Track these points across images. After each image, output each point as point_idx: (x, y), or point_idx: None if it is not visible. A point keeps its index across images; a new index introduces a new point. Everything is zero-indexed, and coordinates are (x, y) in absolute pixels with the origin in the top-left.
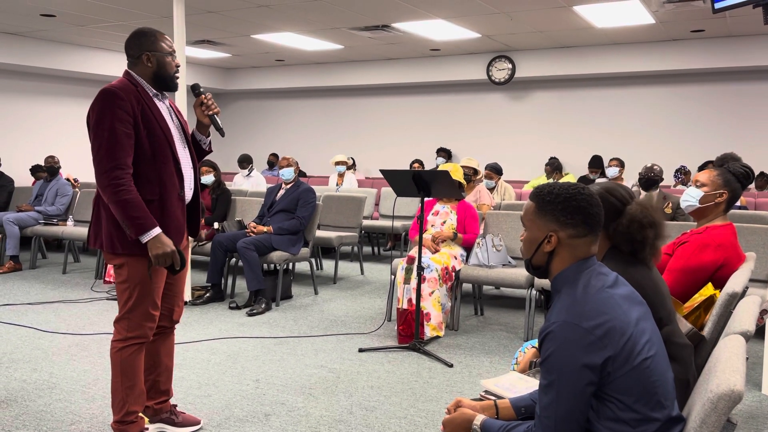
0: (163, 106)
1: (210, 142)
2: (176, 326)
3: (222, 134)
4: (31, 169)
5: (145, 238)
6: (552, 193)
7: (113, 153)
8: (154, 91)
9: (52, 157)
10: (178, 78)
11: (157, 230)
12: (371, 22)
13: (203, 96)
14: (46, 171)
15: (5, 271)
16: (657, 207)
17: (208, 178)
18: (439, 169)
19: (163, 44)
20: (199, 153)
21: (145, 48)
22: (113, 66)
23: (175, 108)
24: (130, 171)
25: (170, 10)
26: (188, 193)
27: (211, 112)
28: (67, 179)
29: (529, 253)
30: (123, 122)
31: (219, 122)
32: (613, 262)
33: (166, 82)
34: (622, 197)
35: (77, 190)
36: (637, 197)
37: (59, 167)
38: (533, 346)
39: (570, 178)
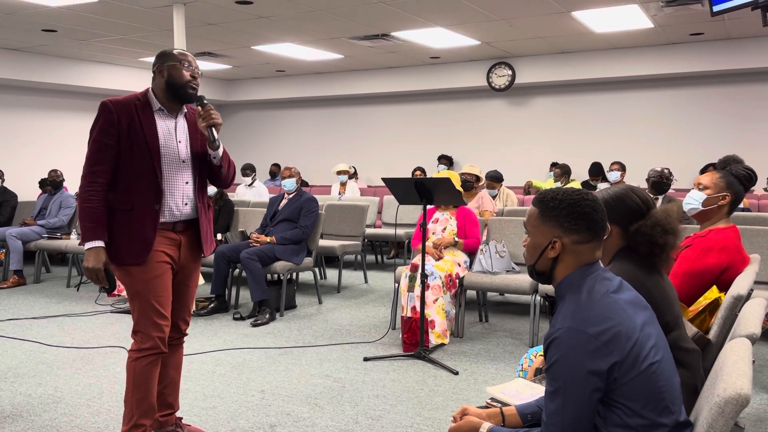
0: (164, 123)
1: (220, 158)
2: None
3: (213, 148)
4: (39, 183)
5: (86, 246)
6: (556, 199)
7: (91, 160)
8: (159, 105)
9: (55, 170)
10: (193, 89)
11: (98, 243)
12: (371, 31)
13: (199, 107)
14: (50, 184)
15: (9, 285)
16: (678, 216)
17: (210, 190)
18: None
19: (177, 56)
20: (210, 169)
21: (159, 62)
22: (115, 80)
23: (193, 124)
24: (103, 179)
25: (170, 23)
26: (183, 209)
27: (205, 123)
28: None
29: (533, 259)
30: (106, 133)
31: (214, 134)
32: (624, 261)
33: (177, 91)
34: (646, 199)
35: None
36: (653, 202)
37: (62, 180)
38: (539, 354)
39: (575, 185)
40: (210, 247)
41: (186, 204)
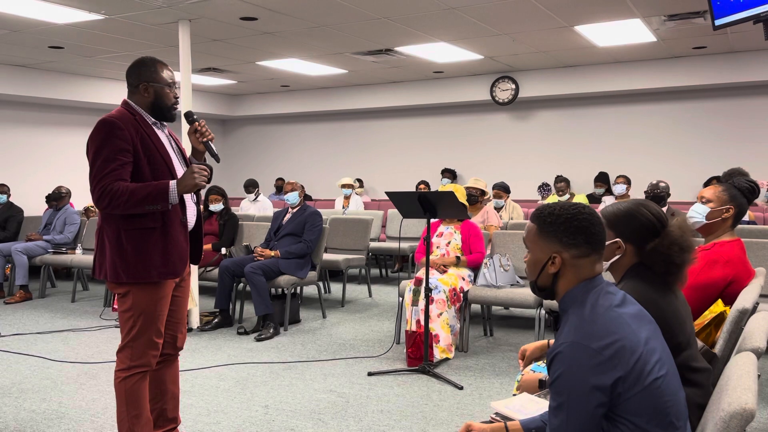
0: (162, 134)
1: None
2: (182, 353)
3: (217, 160)
4: (46, 198)
5: (173, 195)
6: (553, 214)
7: (107, 175)
8: (153, 119)
9: (60, 187)
10: (176, 109)
11: (173, 182)
12: (374, 46)
13: (197, 123)
14: (53, 199)
15: (16, 300)
16: (691, 230)
17: (217, 207)
18: (440, 190)
19: (163, 75)
20: None
21: (143, 78)
22: (121, 95)
23: (174, 136)
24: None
25: (176, 39)
26: (191, 220)
27: (205, 139)
28: (89, 207)
29: (534, 275)
30: (122, 151)
31: (214, 148)
32: (636, 279)
33: (163, 113)
34: (659, 215)
35: (94, 215)
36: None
37: (65, 195)
38: (534, 371)
39: (581, 198)
40: (202, 256)
41: (194, 215)
